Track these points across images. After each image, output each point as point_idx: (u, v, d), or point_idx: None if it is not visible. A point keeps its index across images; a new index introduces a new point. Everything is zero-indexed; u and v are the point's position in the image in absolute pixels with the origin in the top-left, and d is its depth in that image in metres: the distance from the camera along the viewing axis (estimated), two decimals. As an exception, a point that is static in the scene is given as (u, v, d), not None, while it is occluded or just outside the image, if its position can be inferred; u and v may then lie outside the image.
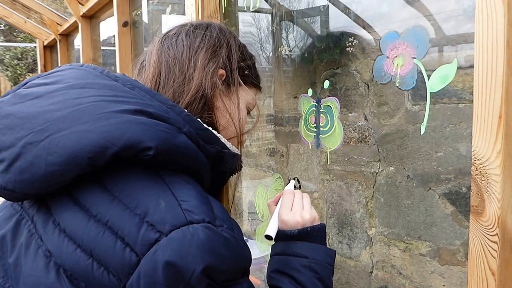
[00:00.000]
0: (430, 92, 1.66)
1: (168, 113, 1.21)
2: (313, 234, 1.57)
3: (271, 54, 3.30)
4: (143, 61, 1.50)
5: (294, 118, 2.93)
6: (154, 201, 1.09)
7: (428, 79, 1.67)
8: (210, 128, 1.32)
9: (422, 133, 2.02)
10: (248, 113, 1.60)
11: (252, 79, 1.58)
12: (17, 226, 1.24)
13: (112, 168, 1.13)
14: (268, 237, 1.59)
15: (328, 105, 2.30)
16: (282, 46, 3.07)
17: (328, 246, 1.60)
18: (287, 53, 3.06)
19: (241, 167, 1.54)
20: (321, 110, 2.34)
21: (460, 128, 2.00)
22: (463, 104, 1.98)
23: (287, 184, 1.84)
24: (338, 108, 2.25)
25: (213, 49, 1.45)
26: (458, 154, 2.02)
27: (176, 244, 1.03)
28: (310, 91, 2.42)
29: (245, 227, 3.84)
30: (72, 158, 1.07)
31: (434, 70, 1.66)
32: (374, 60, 1.95)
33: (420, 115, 2.16)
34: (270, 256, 1.59)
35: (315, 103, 2.37)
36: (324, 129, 2.32)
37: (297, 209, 1.63)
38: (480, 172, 1.24)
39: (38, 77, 1.29)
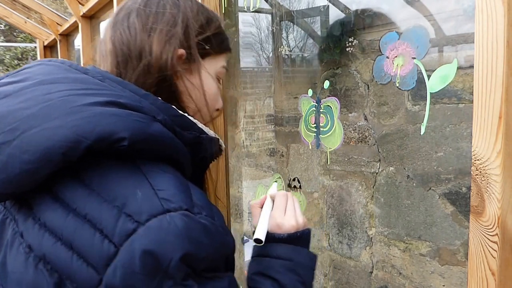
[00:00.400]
0: (430, 92, 1.67)
1: (141, 102, 1.20)
2: (301, 239, 1.56)
3: (271, 54, 3.31)
4: (101, 50, 1.46)
5: (294, 118, 2.93)
6: (131, 192, 1.08)
7: (428, 79, 1.67)
8: (185, 114, 1.31)
9: (422, 133, 2.02)
10: (219, 81, 1.54)
11: (217, 47, 1.50)
12: (2, 225, 1.24)
13: (89, 162, 1.12)
14: (257, 241, 1.55)
15: (328, 105, 2.30)
16: (282, 46, 3.07)
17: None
18: (287, 53, 3.06)
19: (222, 151, 1.51)
20: (321, 110, 2.34)
21: (460, 128, 2.00)
22: (463, 104, 1.98)
23: (270, 187, 1.81)
24: (338, 108, 2.25)
25: (167, 29, 1.38)
26: (458, 154, 2.02)
27: (153, 233, 1.02)
28: (310, 91, 2.42)
29: (245, 227, 3.85)
30: (45, 155, 1.06)
31: (434, 70, 1.66)
32: (374, 60, 1.95)
33: (420, 115, 2.16)
34: (251, 258, 1.57)
35: (315, 103, 2.37)
36: (324, 129, 2.32)
37: (291, 213, 1.62)
38: (480, 172, 1.24)
39: (7, 76, 1.28)
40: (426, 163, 2.16)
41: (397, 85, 1.84)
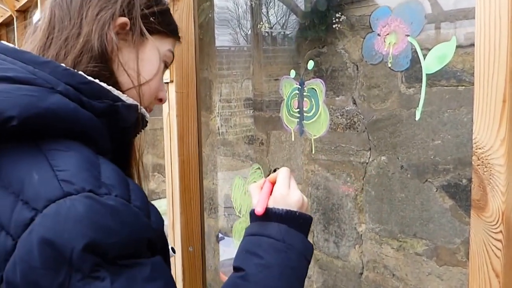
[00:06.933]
0: (426, 74, 1.67)
1: (35, 73, 1.18)
2: (299, 221, 1.51)
3: (249, 32, 3.31)
4: (39, 19, 1.45)
5: (275, 103, 2.93)
6: (27, 175, 1.07)
7: (424, 59, 1.67)
8: (96, 81, 1.28)
9: (417, 118, 2.01)
10: (166, 66, 1.55)
11: (165, 27, 1.52)
12: None
13: None
14: (253, 216, 1.52)
15: (313, 88, 2.29)
16: (261, 23, 3.07)
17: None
18: (267, 30, 3.06)
19: (146, 122, 1.50)
20: (304, 94, 2.33)
21: (459, 113, 2.00)
22: (463, 87, 1.98)
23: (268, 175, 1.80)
24: (323, 91, 2.24)
25: None
26: (457, 142, 2.02)
27: (50, 220, 1.00)
28: (292, 73, 2.41)
29: (221, 223, 3.86)
30: None
31: (430, 49, 1.66)
32: (364, 38, 1.95)
33: (415, 99, 2.16)
34: (243, 237, 1.54)
35: (298, 86, 2.37)
36: (308, 115, 2.32)
37: (296, 188, 1.58)
38: (482, 162, 1.23)
39: None
40: (422, 152, 2.17)
41: (389, 65, 1.83)
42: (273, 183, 1.62)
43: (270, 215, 1.50)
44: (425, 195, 2.19)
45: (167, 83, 2.59)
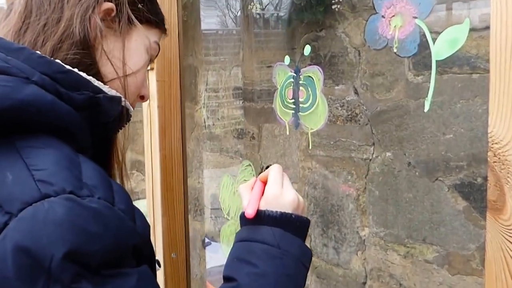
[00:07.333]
0: (436, 60, 1.67)
1: (7, 61, 1.18)
2: (295, 225, 1.51)
3: (239, 14, 3.31)
4: (12, 2, 1.44)
5: (268, 92, 2.93)
6: (1, 175, 1.07)
7: (434, 43, 1.68)
8: (75, 70, 1.29)
9: (426, 110, 2.01)
10: (151, 60, 1.57)
11: (153, 16, 1.54)
12: None
13: None
14: (243, 219, 1.54)
15: (309, 76, 2.30)
16: (252, 4, 3.07)
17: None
18: (258, 12, 3.06)
19: (130, 116, 1.51)
20: (300, 82, 2.34)
21: (474, 104, 2.00)
22: (478, 75, 1.98)
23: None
24: (321, 80, 2.25)
25: None
26: (471, 136, 2.02)
27: (26, 225, 1.00)
28: (287, 59, 2.42)
29: (208, 226, 3.86)
30: None
31: (440, 33, 1.67)
32: (367, 21, 1.96)
33: (423, 88, 2.15)
34: (234, 243, 1.55)
35: (293, 74, 2.38)
36: (305, 106, 2.32)
37: (290, 187, 1.59)
38: (499, 158, 1.23)
39: None
40: (431, 147, 2.17)
41: (395, 50, 1.84)
42: (265, 183, 1.62)
43: (262, 218, 1.50)
44: (436, 196, 2.19)
45: (147, 71, 2.59)
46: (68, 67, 1.27)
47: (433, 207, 2.20)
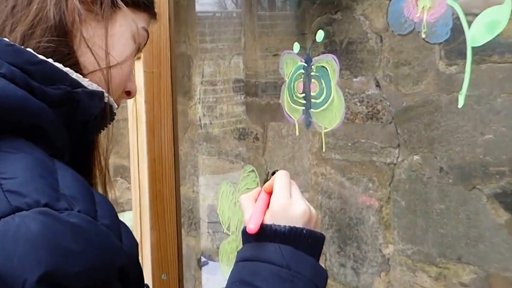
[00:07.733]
0: (472, 47, 1.70)
1: None
2: (307, 242, 1.48)
3: (240, -6, 3.29)
4: None
5: (274, 86, 2.96)
6: None
7: (469, 27, 1.68)
8: (49, 60, 1.26)
9: (460, 106, 1.99)
10: (139, 49, 1.55)
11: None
12: None
13: None
14: (245, 235, 1.51)
15: (323, 66, 2.30)
16: (255, -19, 3.05)
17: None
18: (263, -9, 3.04)
19: (114, 114, 1.50)
20: (312, 74, 2.35)
21: (518, 98, 1.95)
22: (522, 64, 1.93)
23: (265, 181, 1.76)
24: (337, 71, 2.26)
25: None
26: (515, 137, 1.97)
27: None
28: (296, 46, 2.43)
29: (204, 243, 3.90)
30: None
31: (477, 15, 1.67)
32: (390, 1, 1.90)
33: (457, 80, 2.11)
34: (235, 264, 1.52)
35: (303, 64, 2.37)
36: (317, 101, 2.33)
37: (299, 196, 1.55)
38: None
39: None
40: (467, 149, 2.15)
41: (423, 36, 1.85)
42: (271, 193, 1.58)
43: (268, 233, 1.47)
44: (473, 207, 2.16)
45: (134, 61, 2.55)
46: (41, 57, 1.25)
47: (470, 220, 2.18)
